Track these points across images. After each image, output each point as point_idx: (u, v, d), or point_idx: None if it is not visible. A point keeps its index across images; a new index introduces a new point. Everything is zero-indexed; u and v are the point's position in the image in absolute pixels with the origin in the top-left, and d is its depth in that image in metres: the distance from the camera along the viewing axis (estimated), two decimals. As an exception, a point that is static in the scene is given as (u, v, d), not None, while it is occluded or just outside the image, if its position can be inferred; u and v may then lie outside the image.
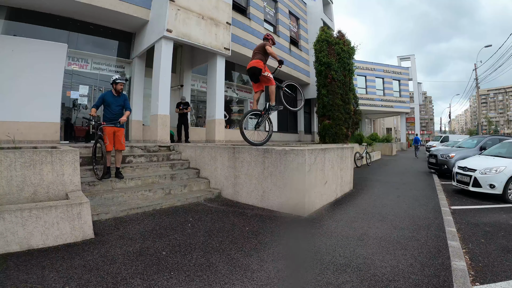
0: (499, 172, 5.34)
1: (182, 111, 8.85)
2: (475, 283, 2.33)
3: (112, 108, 4.62)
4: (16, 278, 2.15)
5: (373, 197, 5.51)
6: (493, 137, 8.96)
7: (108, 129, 4.55)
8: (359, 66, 20.69)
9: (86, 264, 2.43)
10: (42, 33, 7.41)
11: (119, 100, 4.72)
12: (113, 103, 4.64)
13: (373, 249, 2.92)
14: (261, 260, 2.61)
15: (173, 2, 7.37)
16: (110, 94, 4.69)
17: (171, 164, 5.87)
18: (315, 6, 17.35)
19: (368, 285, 2.22)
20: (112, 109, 4.62)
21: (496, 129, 77.64)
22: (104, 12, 7.51)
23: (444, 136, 19.81)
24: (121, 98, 4.75)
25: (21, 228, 2.67)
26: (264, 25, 12.92)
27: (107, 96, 4.65)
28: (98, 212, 3.61)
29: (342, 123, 11.93)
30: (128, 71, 9.38)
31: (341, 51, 12.00)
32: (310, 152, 4.24)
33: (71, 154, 3.49)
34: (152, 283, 2.16)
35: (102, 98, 4.64)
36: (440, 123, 58.21)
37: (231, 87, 12.88)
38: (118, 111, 4.70)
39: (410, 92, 27.54)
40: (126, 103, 4.81)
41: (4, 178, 3.04)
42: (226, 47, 8.96)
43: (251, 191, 4.73)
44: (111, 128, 4.58)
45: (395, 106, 23.82)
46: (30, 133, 6.68)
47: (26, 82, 6.67)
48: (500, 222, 4.01)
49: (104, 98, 4.62)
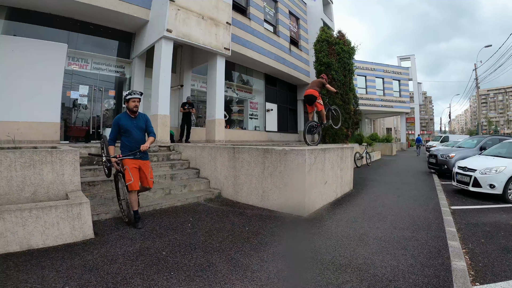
0: (499, 172, 5.34)
1: (187, 110, 8.88)
2: (475, 283, 2.33)
3: (131, 134, 3.52)
4: (16, 278, 2.15)
5: (373, 197, 5.51)
6: (493, 137, 8.96)
7: (130, 162, 3.46)
8: (359, 66, 20.69)
9: (86, 264, 2.43)
10: (42, 33, 7.41)
11: (139, 122, 3.60)
12: (131, 127, 3.52)
13: (373, 249, 2.92)
14: (261, 260, 2.61)
15: (173, 2, 7.37)
16: (125, 116, 3.57)
17: (171, 164, 5.87)
18: (315, 6, 17.34)
19: (368, 285, 2.22)
20: (132, 136, 3.52)
21: (496, 129, 77.60)
22: (104, 12, 7.51)
23: (444, 136, 19.81)
24: (140, 120, 3.62)
25: (21, 228, 2.67)
26: (264, 25, 12.92)
27: (122, 119, 3.54)
28: (98, 212, 3.61)
29: (342, 123, 11.92)
30: (128, 71, 9.38)
31: (341, 51, 12.00)
32: (310, 152, 4.24)
33: (71, 154, 3.49)
34: (152, 283, 2.16)
35: (117, 123, 3.52)
36: (440, 123, 58.31)
37: (231, 87, 12.88)
38: (140, 136, 3.60)
39: (410, 92, 27.53)
40: (149, 125, 3.69)
41: (4, 178, 3.04)
42: (226, 47, 8.96)
43: (251, 191, 4.73)
44: (134, 161, 3.49)
45: (395, 106, 23.82)
46: (30, 133, 6.67)
47: (26, 82, 6.67)
48: (500, 222, 4.01)
49: (119, 123, 3.52)
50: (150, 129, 3.71)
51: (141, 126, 3.62)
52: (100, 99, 8.77)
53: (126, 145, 3.54)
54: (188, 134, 8.99)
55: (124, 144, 3.56)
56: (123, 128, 3.51)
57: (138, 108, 3.58)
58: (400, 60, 29.82)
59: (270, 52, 12.97)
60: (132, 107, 3.50)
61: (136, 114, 3.60)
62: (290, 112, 17.09)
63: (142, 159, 3.59)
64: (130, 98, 3.51)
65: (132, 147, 3.50)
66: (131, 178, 3.38)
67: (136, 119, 3.59)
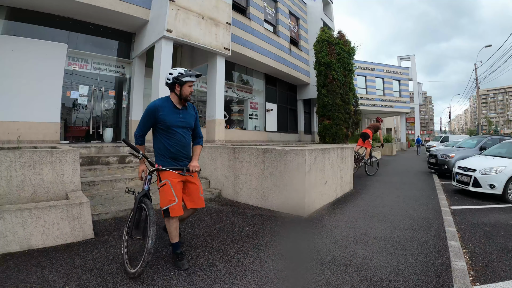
0: (499, 172, 5.34)
1: None
2: (475, 283, 2.33)
3: (176, 135, 2.40)
4: (16, 278, 2.15)
5: (373, 197, 5.51)
6: (493, 137, 8.96)
7: (173, 175, 2.37)
8: (359, 66, 20.69)
9: (86, 264, 2.43)
10: (42, 33, 7.41)
11: (187, 117, 2.49)
12: (176, 124, 2.40)
13: (373, 249, 2.92)
14: (261, 260, 2.62)
15: (173, 2, 7.37)
16: (169, 105, 2.40)
17: (171, 164, 5.87)
18: (315, 6, 17.34)
19: (368, 285, 2.22)
20: (176, 138, 2.41)
21: (496, 129, 77.61)
22: (104, 12, 7.51)
23: (444, 136, 19.83)
24: (189, 114, 2.51)
25: (21, 228, 2.67)
26: (264, 25, 12.92)
27: (164, 109, 2.37)
28: (98, 212, 3.61)
29: (342, 123, 11.93)
30: (128, 71, 9.39)
31: (341, 51, 12.00)
32: (310, 152, 4.24)
33: (71, 154, 3.49)
34: (152, 283, 2.16)
35: (153, 114, 2.35)
36: (440, 123, 58.27)
37: (231, 87, 12.87)
38: (187, 140, 2.51)
39: (410, 92, 27.53)
40: (198, 123, 2.64)
41: (4, 178, 3.04)
42: (226, 47, 8.96)
43: (251, 191, 4.73)
44: (179, 175, 2.40)
45: (395, 106, 23.82)
46: (30, 133, 6.67)
47: (26, 82, 6.66)
48: (500, 222, 4.01)
49: (157, 115, 2.35)
50: (199, 130, 2.67)
51: (190, 123, 2.49)
52: (100, 99, 8.77)
53: (167, 149, 2.39)
54: None
55: (164, 147, 2.40)
56: (164, 123, 2.36)
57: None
58: (400, 60, 29.82)
59: (270, 52, 12.98)
60: (187, 94, 2.40)
61: (185, 104, 2.48)
62: (290, 112, 17.09)
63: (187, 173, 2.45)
64: (188, 80, 2.35)
65: (176, 153, 2.40)
66: (174, 198, 2.31)
67: (183, 112, 2.45)
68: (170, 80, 2.38)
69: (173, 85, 2.38)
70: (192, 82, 2.40)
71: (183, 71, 2.37)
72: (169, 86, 2.42)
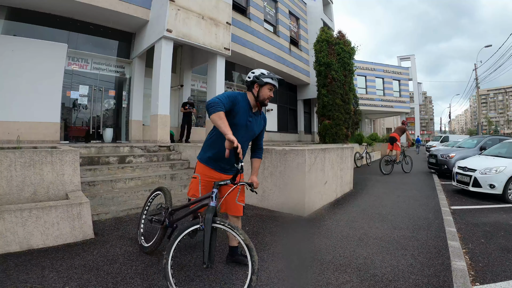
0: (499, 172, 5.34)
1: (188, 110, 8.89)
2: (475, 283, 2.33)
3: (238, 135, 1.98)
4: (16, 278, 2.15)
5: (373, 197, 5.51)
6: (493, 137, 8.96)
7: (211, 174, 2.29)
8: (359, 66, 20.72)
9: (86, 264, 2.43)
10: (42, 33, 7.42)
11: (257, 124, 2.29)
12: (244, 125, 2.18)
13: (373, 249, 2.92)
14: (261, 260, 2.61)
15: (173, 2, 7.38)
16: (245, 105, 2.18)
17: (171, 164, 5.87)
18: (315, 6, 17.36)
19: (368, 285, 2.22)
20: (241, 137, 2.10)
21: (496, 129, 77.66)
22: (104, 12, 7.52)
23: (444, 136, 19.80)
24: (259, 122, 2.32)
25: (21, 228, 2.67)
26: (264, 25, 12.93)
27: (241, 103, 2.15)
28: (98, 212, 3.61)
29: (342, 123, 11.94)
30: (128, 71, 9.39)
31: (341, 51, 12.01)
32: (310, 152, 4.24)
33: (71, 154, 3.49)
34: (152, 283, 2.16)
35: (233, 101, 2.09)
36: (440, 123, 58.30)
37: (231, 87, 12.88)
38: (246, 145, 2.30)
39: (410, 92, 27.56)
40: (262, 135, 2.42)
41: (4, 178, 3.04)
42: (226, 47, 8.96)
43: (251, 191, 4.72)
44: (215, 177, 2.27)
45: (395, 106, 23.86)
46: (30, 133, 6.68)
47: (26, 82, 6.67)
48: (500, 222, 4.01)
49: (236, 105, 2.11)
50: (261, 142, 2.44)
51: (255, 130, 2.29)
52: (100, 99, 8.78)
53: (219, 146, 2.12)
54: (189, 134, 9.00)
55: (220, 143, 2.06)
56: (234, 118, 2.11)
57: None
58: (400, 60, 29.86)
59: (270, 52, 12.98)
60: (265, 98, 2.19)
61: (260, 110, 2.30)
62: (290, 112, 17.10)
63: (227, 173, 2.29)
64: (268, 82, 2.16)
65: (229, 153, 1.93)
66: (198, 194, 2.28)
67: (255, 117, 2.25)
68: (250, 78, 2.23)
69: (252, 84, 2.22)
70: (273, 86, 2.20)
71: (266, 72, 2.21)
72: (247, 85, 2.26)
